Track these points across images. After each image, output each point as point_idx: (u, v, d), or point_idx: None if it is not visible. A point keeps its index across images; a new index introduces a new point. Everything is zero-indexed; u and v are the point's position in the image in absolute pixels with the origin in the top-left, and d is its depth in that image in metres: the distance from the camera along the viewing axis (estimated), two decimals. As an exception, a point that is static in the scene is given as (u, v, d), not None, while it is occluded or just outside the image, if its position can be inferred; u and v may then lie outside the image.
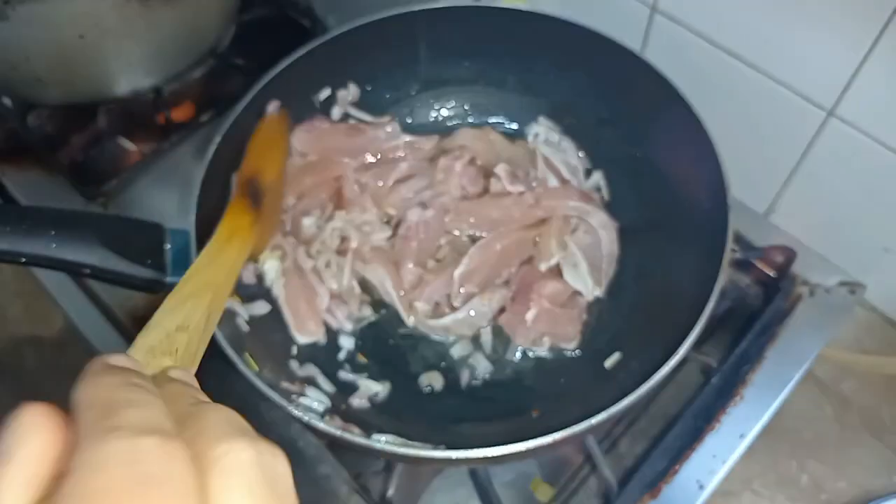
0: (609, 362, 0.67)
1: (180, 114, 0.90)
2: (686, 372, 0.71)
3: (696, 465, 0.64)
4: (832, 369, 0.75)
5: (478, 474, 0.62)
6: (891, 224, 0.72)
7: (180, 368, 0.34)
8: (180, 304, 0.44)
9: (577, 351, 0.70)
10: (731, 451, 0.65)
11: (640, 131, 0.74)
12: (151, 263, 0.55)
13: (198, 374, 0.73)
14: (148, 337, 0.38)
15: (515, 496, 0.66)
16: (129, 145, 0.89)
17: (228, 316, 0.63)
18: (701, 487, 0.63)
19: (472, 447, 0.50)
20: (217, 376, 0.69)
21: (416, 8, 0.74)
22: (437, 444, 0.56)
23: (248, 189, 0.63)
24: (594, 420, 0.47)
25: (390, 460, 0.65)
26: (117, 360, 0.25)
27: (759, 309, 0.73)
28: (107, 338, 0.75)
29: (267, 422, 0.66)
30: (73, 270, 0.52)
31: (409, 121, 0.83)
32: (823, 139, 0.71)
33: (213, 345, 0.56)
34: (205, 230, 0.61)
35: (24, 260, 0.51)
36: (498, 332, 0.71)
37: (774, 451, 0.70)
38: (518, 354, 0.70)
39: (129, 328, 0.75)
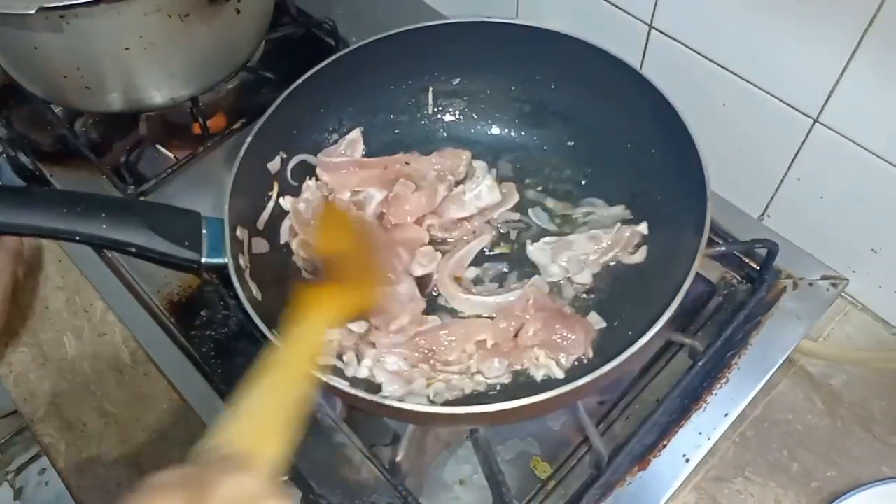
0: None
1: (214, 122, 0.97)
2: (677, 360, 0.75)
3: (683, 441, 0.68)
4: (823, 365, 0.78)
5: (482, 450, 0.67)
6: (877, 225, 0.75)
7: (255, 475, 0.37)
8: (268, 392, 0.45)
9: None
10: (716, 429, 0.69)
11: (634, 136, 0.79)
12: (189, 245, 0.62)
13: (227, 352, 0.78)
14: (230, 428, 0.41)
15: (517, 473, 0.70)
16: (166, 151, 0.97)
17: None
18: (687, 461, 0.67)
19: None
20: (245, 354, 0.75)
21: (429, 24, 0.80)
22: None
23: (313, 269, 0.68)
24: (580, 381, 0.52)
25: (396, 419, 0.70)
26: (168, 479, 0.28)
27: (746, 300, 0.77)
28: (144, 325, 0.81)
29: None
30: (121, 249, 0.59)
31: (417, 124, 0.89)
32: (810, 145, 0.75)
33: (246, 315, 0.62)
34: (237, 220, 0.68)
35: (77, 238, 0.57)
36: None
37: (766, 440, 0.73)
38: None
39: (165, 315, 0.82)
